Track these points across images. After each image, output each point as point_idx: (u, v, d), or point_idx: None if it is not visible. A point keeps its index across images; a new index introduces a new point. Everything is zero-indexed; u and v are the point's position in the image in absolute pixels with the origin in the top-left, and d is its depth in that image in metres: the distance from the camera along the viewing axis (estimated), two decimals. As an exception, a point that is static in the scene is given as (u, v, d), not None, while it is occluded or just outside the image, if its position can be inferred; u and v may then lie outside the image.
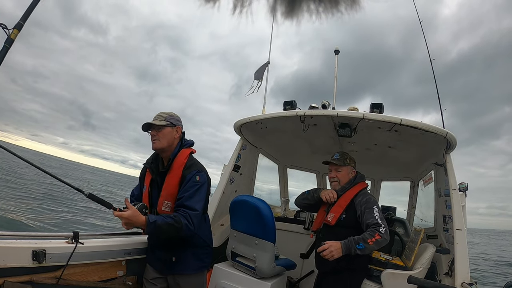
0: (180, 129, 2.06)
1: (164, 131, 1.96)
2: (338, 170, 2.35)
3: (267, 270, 2.37)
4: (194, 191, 1.89)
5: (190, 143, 2.10)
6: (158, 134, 1.95)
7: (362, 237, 1.98)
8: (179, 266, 2.01)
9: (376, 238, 1.96)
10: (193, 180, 1.91)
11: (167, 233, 1.80)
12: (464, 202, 2.38)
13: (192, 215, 1.83)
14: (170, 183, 1.95)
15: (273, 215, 2.41)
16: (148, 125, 1.97)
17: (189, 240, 1.99)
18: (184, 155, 2.00)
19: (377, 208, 2.13)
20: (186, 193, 1.88)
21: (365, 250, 1.98)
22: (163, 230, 1.77)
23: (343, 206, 2.23)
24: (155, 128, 1.96)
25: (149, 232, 1.81)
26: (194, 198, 1.88)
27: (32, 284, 1.62)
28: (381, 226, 2.01)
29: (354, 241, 1.98)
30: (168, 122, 1.99)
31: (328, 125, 2.95)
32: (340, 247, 1.97)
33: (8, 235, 1.68)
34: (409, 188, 4.10)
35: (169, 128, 1.98)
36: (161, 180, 2.00)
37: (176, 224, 1.77)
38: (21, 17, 1.41)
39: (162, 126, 1.96)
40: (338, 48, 3.54)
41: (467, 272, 2.10)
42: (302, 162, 4.53)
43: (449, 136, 2.28)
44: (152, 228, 1.75)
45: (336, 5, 0.88)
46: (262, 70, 3.60)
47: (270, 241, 2.36)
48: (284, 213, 4.15)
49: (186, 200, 1.86)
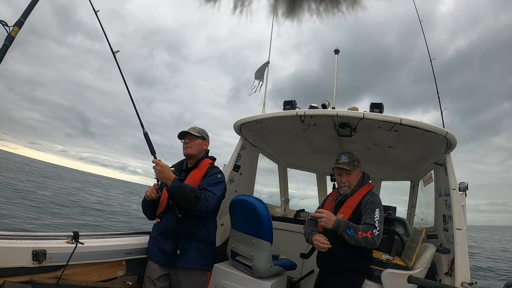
0: (208, 143, 2.39)
1: (196, 141, 2.28)
2: (349, 174, 2.29)
3: (264, 270, 2.36)
4: (216, 182, 2.15)
5: (213, 158, 2.41)
6: (191, 142, 2.27)
7: (356, 227, 1.99)
8: (183, 260, 2.07)
9: (367, 235, 1.94)
10: (215, 176, 2.19)
11: (187, 196, 1.95)
12: (464, 202, 2.38)
13: (211, 195, 2.05)
14: (195, 175, 2.22)
15: (269, 214, 2.41)
16: (183, 133, 2.29)
17: (196, 232, 2.11)
18: (208, 161, 2.33)
19: (379, 211, 2.11)
20: (208, 182, 2.14)
21: (351, 239, 1.96)
22: (185, 192, 1.95)
23: (352, 208, 2.22)
24: (190, 137, 2.28)
25: (173, 189, 1.96)
26: (215, 187, 2.12)
27: (32, 284, 1.62)
28: (376, 228, 1.99)
29: (348, 225, 1.99)
30: (201, 135, 2.31)
31: (328, 125, 2.94)
32: (333, 221, 2.03)
33: (8, 235, 1.67)
34: (409, 188, 4.10)
35: (201, 140, 2.31)
36: (185, 175, 2.26)
37: (196, 193, 1.98)
38: (22, 14, 1.41)
39: (195, 136, 2.28)
40: (338, 48, 3.54)
41: (467, 271, 2.10)
42: (302, 161, 4.53)
43: (449, 135, 2.28)
44: (177, 185, 1.95)
45: (337, 5, 0.87)
46: (262, 69, 3.60)
47: (267, 240, 2.36)
48: (284, 213, 4.15)
49: (208, 186, 2.11)
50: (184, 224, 2.06)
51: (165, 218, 2.18)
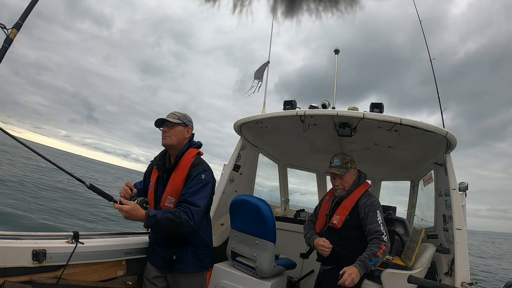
0: (191, 129, 2.11)
1: (176, 129, 2.01)
2: (342, 177, 2.29)
3: (268, 270, 2.37)
4: (199, 188, 1.92)
5: (198, 144, 2.15)
6: (170, 131, 2.00)
7: (372, 253, 1.97)
8: (180, 265, 2.03)
9: (383, 249, 1.98)
10: (198, 178, 1.94)
11: (167, 227, 1.79)
12: (464, 202, 2.38)
13: (193, 210, 1.84)
14: (176, 179, 1.98)
15: (273, 215, 2.41)
16: (161, 121, 2.02)
17: (189, 238, 2.01)
18: (191, 154, 2.05)
19: (380, 212, 2.13)
20: (190, 189, 1.90)
21: (377, 264, 1.98)
22: (162, 225, 1.77)
23: (348, 209, 2.22)
24: (168, 125, 2.01)
25: (149, 226, 1.81)
26: (198, 195, 1.90)
27: (32, 284, 1.62)
28: (383, 234, 2.03)
29: (367, 259, 1.96)
30: (181, 121, 2.04)
31: (328, 125, 2.94)
32: (357, 270, 1.90)
33: (8, 235, 1.68)
34: (409, 188, 4.10)
35: (181, 127, 2.04)
36: (167, 176, 2.04)
37: (176, 219, 1.78)
38: (20, 16, 1.41)
39: (175, 123, 2.01)
40: (338, 48, 3.53)
41: (467, 271, 2.10)
42: (302, 161, 4.53)
43: (449, 135, 2.28)
44: (151, 222, 1.75)
45: (336, 4, 0.88)
46: (262, 69, 3.60)
47: (271, 241, 2.36)
48: (284, 213, 4.15)
49: (190, 196, 1.88)
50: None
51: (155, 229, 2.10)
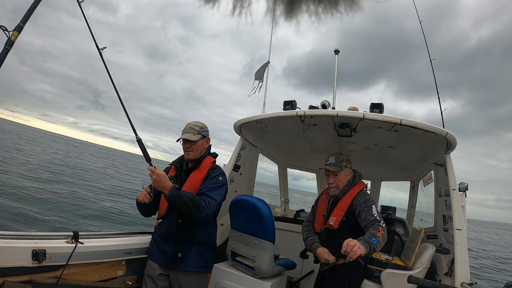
0: (209, 139, 2.29)
1: (197, 143, 2.17)
2: (336, 175, 2.30)
3: (267, 270, 2.37)
4: (216, 187, 2.08)
5: (215, 154, 2.33)
6: (192, 146, 2.15)
7: (371, 233, 1.90)
8: (184, 263, 2.07)
9: (381, 233, 1.91)
10: (216, 179, 2.11)
11: (185, 205, 1.88)
12: (464, 202, 2.38)
13: (211, 202, 1.99)
14: (196, 177, 2.15)
15: (272, 215, 2.41)
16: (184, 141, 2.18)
17: (197, 234, 2.09)
18: (210, 160, 2.24)
19: (375, 207, 2.13)
20: (209, 186, 2.07)
21: (378, 245, 1.87)
22: (183, 201, 1.87)
23: (344, 209, 2.22)
24: (190, 142, 2.16)
25: (171, 197, 1.88)
26: (215, 191, 2.06)
27: (32, 284, 1.63)
28: (380, 222, 1.99)
29: (368, 237, 1.87)
30: (201, 135, 2.20)
31: (328, 125, 2.94)
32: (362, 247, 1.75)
33: (8, 235, 1.68)
34: (409, 188, 4.10)
35: (201, 140, 2.20)
36: (185, 176, 2.20)
37: (196, 201, 1.91)
38: (21, 19, 1.42)
39: (196, 140, 2.15)
40: (338, 48, 3.53)
41: (467, 272, 2.10)
42: (302, 162, 4.53)
43: (449, 136, 2.28)
44: (175, 193, 1.85)
45: (336, 6, 0.88)
46: (262, 70, 3.59)
47: (270, 240, 2.36)
48: (284, 213, 4.15)
49: (208, 191, 2.04)
50: (185, 227, 2.06)
51: (165, 221, 2.15)
